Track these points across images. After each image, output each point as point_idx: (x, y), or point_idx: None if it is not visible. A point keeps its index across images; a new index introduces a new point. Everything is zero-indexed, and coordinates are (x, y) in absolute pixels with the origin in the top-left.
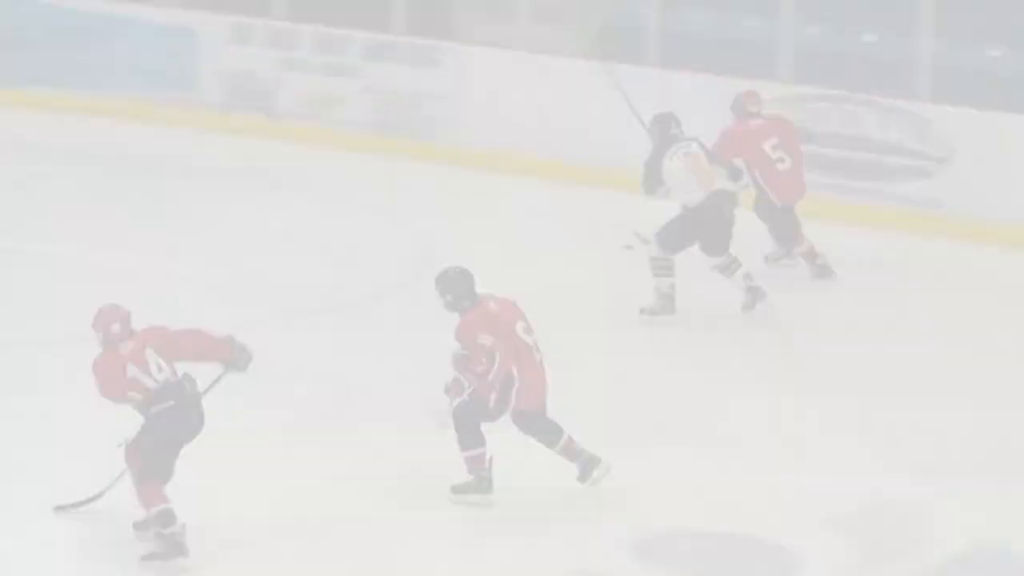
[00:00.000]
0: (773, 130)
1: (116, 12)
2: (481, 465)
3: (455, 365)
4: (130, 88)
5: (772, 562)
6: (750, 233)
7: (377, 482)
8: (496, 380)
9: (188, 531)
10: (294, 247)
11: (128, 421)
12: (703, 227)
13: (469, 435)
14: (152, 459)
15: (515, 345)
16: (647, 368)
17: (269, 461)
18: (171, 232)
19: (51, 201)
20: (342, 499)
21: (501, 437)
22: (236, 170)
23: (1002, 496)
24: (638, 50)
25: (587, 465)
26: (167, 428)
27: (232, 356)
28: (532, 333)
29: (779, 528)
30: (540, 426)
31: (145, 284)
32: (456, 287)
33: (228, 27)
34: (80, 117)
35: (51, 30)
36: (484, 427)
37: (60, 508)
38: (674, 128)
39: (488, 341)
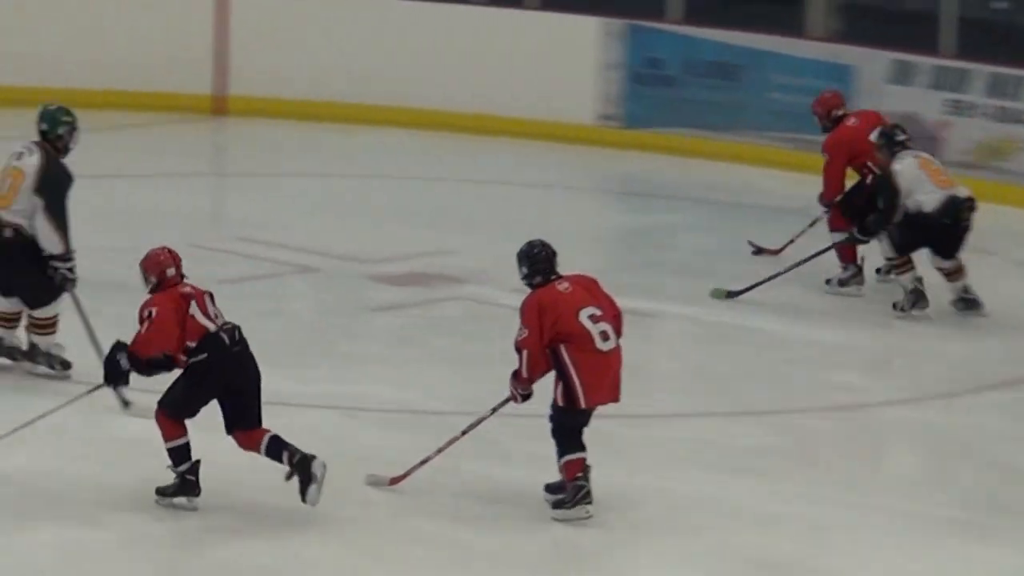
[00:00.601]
0: (869, 125)
1: (764, 46)
2: (575, 473)
3: None
4: (776, 131)
5: None
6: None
7: None
8: (558, 377)
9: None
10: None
11: None
12: (938, 231)
13: (561, 440)
14: (175, 400)
15: (575, 333)
16: None
17: None
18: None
19: (687, 255)
20: None
21: None
22: None
23: None
24: None
25: (574, 494)
26: (197, 381)
27: None
28: (605, 321)
29: None
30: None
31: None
32: (529, 261)
33: (889, 64)
34: (713, 162)
35: (692, 66)
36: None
37: None
38: (899, 135)
39: (523, 333)
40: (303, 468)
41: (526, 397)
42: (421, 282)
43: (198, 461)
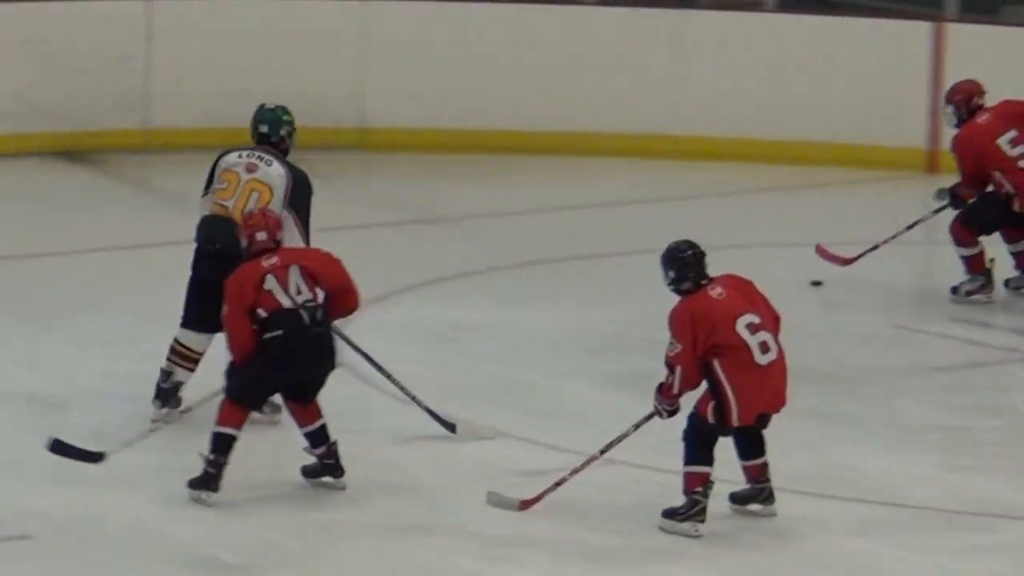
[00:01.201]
0: (1007, 122)
1: None
2: (695, 486)
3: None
4: None
5: None
6: None
7: None
8: (710, 393)
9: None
10: None
11: None
12: None
13: (692, 448)
14: (243, 381)
15: (730, 344)
16: None
17: None
18: None
19: None
20: None
21: None
22: None
23: None
24: None
25: (755, 495)
26: (270, 359)
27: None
28: (764, 330)
29: None
30: (746, 437)
31: None
32: (677, 265)
33: None
34: None
35: None
36: None
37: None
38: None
39: (676, 348)
40: (327, 468)
41: (672, 413)
42: None
43: (227, 462)
